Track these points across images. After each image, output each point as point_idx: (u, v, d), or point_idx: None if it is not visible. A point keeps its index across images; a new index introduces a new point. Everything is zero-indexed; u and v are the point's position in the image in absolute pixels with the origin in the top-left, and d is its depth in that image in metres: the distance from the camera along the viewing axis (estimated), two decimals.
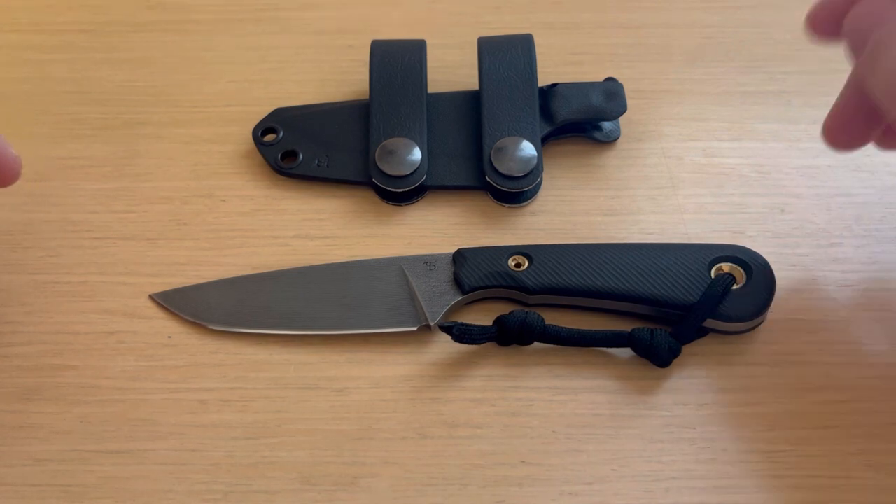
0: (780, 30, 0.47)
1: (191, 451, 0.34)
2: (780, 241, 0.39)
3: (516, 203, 0.41)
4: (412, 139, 0.41)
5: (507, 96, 0.42)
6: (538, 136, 0.41)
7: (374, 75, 0.43)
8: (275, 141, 0.42)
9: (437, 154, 0.42)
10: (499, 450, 0.34)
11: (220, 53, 0.47)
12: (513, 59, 0.43)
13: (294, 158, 0.42)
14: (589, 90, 0.43)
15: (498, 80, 0.42)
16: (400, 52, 0.43)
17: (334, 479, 0.33)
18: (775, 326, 0.37)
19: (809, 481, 0.33)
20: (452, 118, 0.43)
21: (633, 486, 0.33)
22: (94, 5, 0.49)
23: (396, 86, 0.42)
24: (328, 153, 0.42)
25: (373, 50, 0.43)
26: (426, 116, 0.42)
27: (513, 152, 0.40)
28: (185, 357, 0.36)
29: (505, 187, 0.40)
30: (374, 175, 0.40)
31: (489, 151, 0.40)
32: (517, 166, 0.40)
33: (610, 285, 0.36)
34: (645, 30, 0.47)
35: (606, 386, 0.35)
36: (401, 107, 0.42)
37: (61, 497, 0.33)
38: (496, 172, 0.40)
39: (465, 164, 0.41)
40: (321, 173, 0.41)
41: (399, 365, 0.36)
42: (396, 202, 0.41)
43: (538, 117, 0.42)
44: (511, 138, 0.41)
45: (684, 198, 0.41)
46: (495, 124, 0.41)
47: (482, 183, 0.41)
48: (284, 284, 0.38)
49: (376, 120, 0.42)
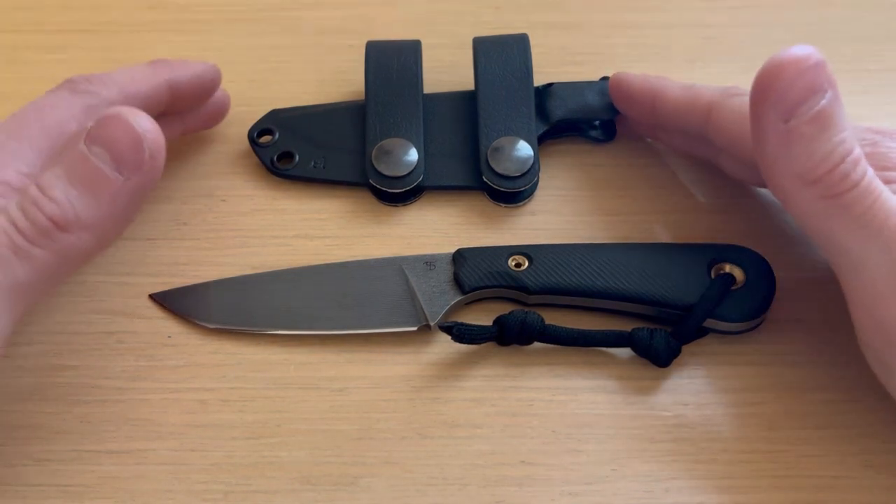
0: (780, 30, 0.47)
1: (190, 451, 0.34)
2: (780, 241, 0.39)
3: (513, 203, 0.41)
4: (408, 140, 0.41)
5: (503, 96, 0.42)
6: (534, 135, 0.41)
7: (370, 76, 0.43)
8: (270, 142, 0.42)
9: (434, 154, 0.42)
10: (499, 450, 0.34)
11: (219, 53, 0.47)
12: (508, 58, 0.43)
13: (290, 160, 0.42)
14: (584, 89, 0.43)
15: (494, 79, 0.42)
16: (395, 52, 0.43)
17: (334, 479, 0.33)
18: (775, 326, 0.37)
19: (809, 481, 0.33)
20: (449, 118, 0.43)
21: (633, 486, 0.33)
22: (94, 5, 0.49)
23: (392, 86, 0.42)
24: (324, 154, 0.42)
25: (368, 50, 0.43)
26: (422, 117, 0.42)
27: (509, 152, 0.40)
28: (184, 357, 0.36)
29: (502, 187, 0.40)
30: (371, 176, 0.40)
31: (486, 151, 0.40)
32: (514, 166, 0.40)
33: (610, 285, 0.36)
34: (645, 30, 0.47)
35: (606, 386, 0.35)
36: (397, 107, 0.42)
37: (61, 497, 0.33)
38: (493, 172, 0.40)
39: (461, 164, 0.41)
40: (317, 175, 0.41)
41: (399, 365, 0.36)
42: (393, 203, 0.41)
43: (534, 117, 0.42)
44: (507, 138, 0.41)
45: (683, 197, 0.41)
46: (491, 124, 0.41)
47: (479, 183, 0.41)
48: (284, 284, 0.38)
49: (372, 121, 0.42)
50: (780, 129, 0.30)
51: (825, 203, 0.31)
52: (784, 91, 0.30)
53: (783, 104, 0.30)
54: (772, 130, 0.31)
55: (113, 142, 0.30)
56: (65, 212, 0.29)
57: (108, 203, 0.30)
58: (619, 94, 0.41)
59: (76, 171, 0.30)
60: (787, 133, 0.30)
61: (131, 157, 0.30)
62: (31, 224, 0.29)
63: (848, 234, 0.30)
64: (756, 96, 0.31)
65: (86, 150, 0.30)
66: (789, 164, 0.31)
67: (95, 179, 0.30)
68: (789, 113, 0.30)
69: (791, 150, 0.31)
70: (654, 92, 0.39)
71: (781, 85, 0.30)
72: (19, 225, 0.29)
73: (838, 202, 0.30)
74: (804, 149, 0.30)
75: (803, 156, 0.30)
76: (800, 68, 0.30)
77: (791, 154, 0.31)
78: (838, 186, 0.30)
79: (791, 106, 0.30)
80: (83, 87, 0.36)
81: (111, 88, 0.36)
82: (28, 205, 0.29)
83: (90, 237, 0.30)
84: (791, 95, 0.30)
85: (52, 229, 0.29)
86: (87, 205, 0.30)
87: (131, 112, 0.30)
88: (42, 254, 0.29)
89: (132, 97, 0.37)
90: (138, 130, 0.30)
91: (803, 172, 0.31)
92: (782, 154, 0.31)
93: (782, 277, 0.37)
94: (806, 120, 0.30)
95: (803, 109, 0.30)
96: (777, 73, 0.30)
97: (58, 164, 0.30)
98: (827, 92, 0.30)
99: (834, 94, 0.30)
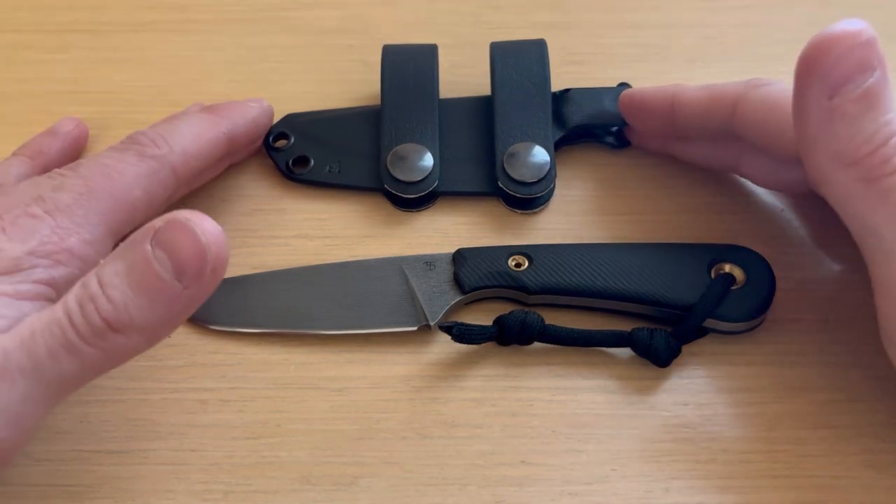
0: (780, 30, 0.47)
1: (190, 451, 0.34)
2: (780, 241, 0.39)
3: (529, 209, 0.40)
4: (424, 145, 0.41)
5: (519, 101, 0.42)
6: (551, 141, 0.41)
7: (386, 81, 0.42)
8: (286, 147, 0.42)
9: (449, 160, 0.41)
10: (499, 450, 0.34)
11: (220, 53, 0.47)
12: (526, 64, 0.42)
13: (305, 164, 0.42)
14: (602, 95, 0.42)
15: (511, 85, 0.42)
16: (411, 57, 0.43)
17: (334, 479, 0.33)
18: (775, 326, 0.37)
19: (809, 481, 0.33)
20: (464, 124, 0.42)
21: (633, 486, 0.33)
22: (94, 5, 0.49)
23: (408, 91, 0.42)
24: (339, 159, 0.42)
25: (384, 55, 0.43)
26: (438, 122, 0.42)
27: (525, 158, 0.40)
28: (184, 357, 0.36)
29: (518, 193, 0.40)
30: (386, 181, 0.40)
31: (501, 157, 0.40)
32: (530, 172, 0.40)
33: (610, 285, 0.36)
34: (645, 30, 0.47)
35: (606, 386, 0.35)
36: (412, 112, 0.42)
37: (61, 497, 0.33)
38: (509, 178, 0.40)
39: (477, 169, 0.41)
40: (332, 179, 0.41)
41: (399, 365, 0.36)
42: (408, 208, 0.41)
43: (551, 123, 0.41)
44: (524, 144, 0.40)
45: (688, 197, 0.41)
46: (508, 129, 0.41)
47: (494, 189, 0.40)
48: (284, 284, 0.38)
49: (387, 126, 0.41)
50: (824, 106, 0.29)
51: (863, 186, 0.30)
52: (831, 67, 0.29)
53: (829, 80, 0.29)
54: (814, 107, 0.30)
55: (178, 250, 0.28)
56: (119, 314, 0.28)
57: (164, 309, 0.29)
58: (632, 108, 0.40)
59: (137, 272, 0.28)
60: (830, 111, 0.29)
61: (193, 269, 0.28)
62: (86, 322, 0.28)
63: (883, 219, 0.30)
64: (801, 71, 0.30)
65: (150, 252, 0.28)
66: (829, 143, 0.30)
67: (155, 285, 0.28)
68: (834, 90, 0.29)
69: (833, 128, 0.30)
70: (672, 97, 0.38)
71: (829, 60, 0.29)
72: (75, 321, 0.28)
73: (877, 186, 0.29)
74: (847, 128, 0.29)
75: (845, 136, 0.29)
76: (849, 44, 0.29)
77: (832, 133, 0.30)
78: (879, 170, 0.29)
79: (837, 82, 0.29)
80: (150, 152, 0.35)
81: (175, 150, 0.36)
82: (86, 301, 0.29)
83: (140, 338, 0.29)
84: (838, 72, 0.29)
85: (106, 330, 0.28)
86: (142, 308, 0.28)
87: (199, 221, 0.28)
88: (91, 352, 0.29)
89: (193, 157, 0.37)
90: (203, 242, 0.28)
91: (843, 153, 0.30)
92: (823, 132, 0.30)
93: (782, 277, 0.37)
94: (851, 98, 0.29)
95: (850, 87, 0.29)
96: (825, 47, 0.29)
97: (120, 259, 0.29)
98: (875, 70, 0.29)
99: (882, 73, 0.29)
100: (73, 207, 0.33)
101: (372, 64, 0.46)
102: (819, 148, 0.30)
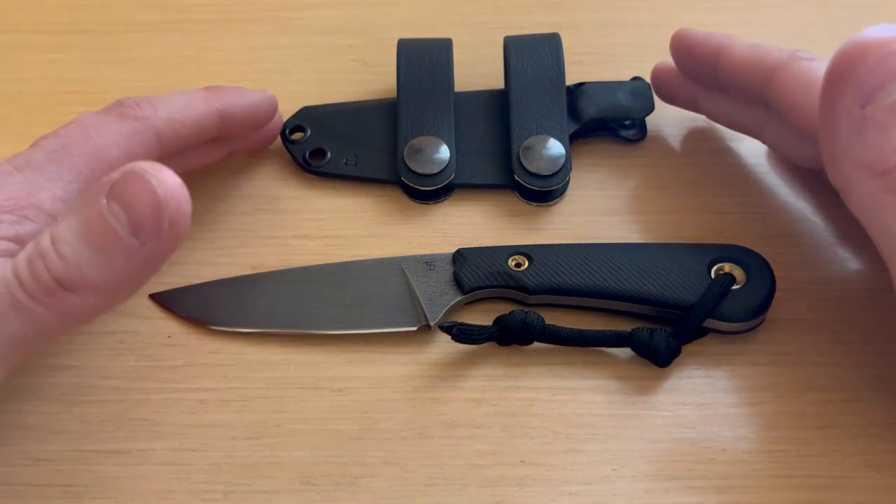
0: (780, 30, 0.47)
1: (191, 451, 0.34)
2: (780, 241, 0.39)
3: (544, 202, 0.41)
4: (440, 137, 0.41)
5: (534, 95, 0.42)
6: (566, 134, 0.41)
7: (402, 74, 0.43)
8: (302, 139, 0.42)
9: (465, 153, 0.42)
10: (499, 450, 0.34)
11: (220, 53, 0.47)
12: (540, 57, 0.43)
13: (322, 157, 0.42)
14: (616, 89, 0.43)
15: (525, 78, 0.42)
16: (427, 50, 0.43)
17: (334, 479, 0.33)
18: (775, 326, 0.37)
19: (809, 481, 0.33)
20: (479, 117, 0.43)
21: (633, 486, 0.33)
22: (94, 5, 0.49)
23: (424, 84, 0.42)
24: (356, 152, 0.42)
25: (399, 48, 0.43)
26: (454, 115, 0.42)
27: (541, 151, 0.40)
28: (184, 357, 0.36)
29: (533, 186, 0.40)
30: (403, 173, 0.40)
31: (517, 150, 0.40)
32: (545, 165, 0.40)
33: (610, 285, 0.36)
34: (645, 30, 0.47)
35: (606, 386, 0.35)
36: (428, 105, 0.42)
37: (61, 497, 0.33)
38: (524, 171, 0.40)
39: (492, 162, 0.41)
40: (349, 172, 0.41)
41: (399, 365, 0.36)
42: (424, 200, 0.41)
43: (566, 116, 0.42)
44: (539, 137, 0.41)
45: (688, 197, 0.41)
46: (523, 123, 0.41)
47: (510, 181, 0.41)
48: (284, 284, 0.38)
49: (404, 118, 0.42)
50: (855, 115, 0.29)
51: (890, 197, 0.29)
52: (864, 75, 0.28)
53: (861, 88, 0.28)
54: (845, 115, 0.29)
55: (133, 203, 0.27)
56: (71, 272, 0.27)
57: (120, 266, 0.28)
58: (681, 49, 0.39)
59: (91, 227, 0.27)
60: (861, 119, 0.29)
61: (150, 223, 0.27)
62: (34, 280, 0.27)
63: None
64: (832, 77, 0.29)
65: (105, 206, 0.27)
66: (857, 152, 0.29)
67: (109, 241, 0.27)
68: (867, 98, 0.28)
69: (862, 137, 0.29)
70: (721, 47, 0.37)
71: (864, 68, 0.28)
72: (22, 279, 0.27)
73: None
74: (876, 138, 0.29)
75: (874, 145, 0.29)
76: (883, 52, 0.28)
77: (861, 142, 0.29)
78: None
79: (870, 91, 0.28)
80: (131, 112, 0.35)
81: (159, 114, 0.35)
82: (36, 258, 0.28)
83: (96, 299, 0.28)
84: (871, 80, 0.28)
85: (56, 289, 0.27)
86: (96, 266, 0.27)
87: (156, 171, 0.27)
88: (42, 311, 0.28)
89: (180, 124, 0.36)
90: (160, 195, 0.27)
91: (872, 163, 0.29)
92: (852, 141, 0.29)
93: (782, 277, 0.37)
94: (883, 107, 0.28)
95: (882, 95, 0.28)
96: (859, 54, 0.28)
97: (75, 214, 0.28)
98: None
99: None
100: (45, 164, 0.32)
101: (372, 64, 0.46)
102: (847, 157, 0.30)
